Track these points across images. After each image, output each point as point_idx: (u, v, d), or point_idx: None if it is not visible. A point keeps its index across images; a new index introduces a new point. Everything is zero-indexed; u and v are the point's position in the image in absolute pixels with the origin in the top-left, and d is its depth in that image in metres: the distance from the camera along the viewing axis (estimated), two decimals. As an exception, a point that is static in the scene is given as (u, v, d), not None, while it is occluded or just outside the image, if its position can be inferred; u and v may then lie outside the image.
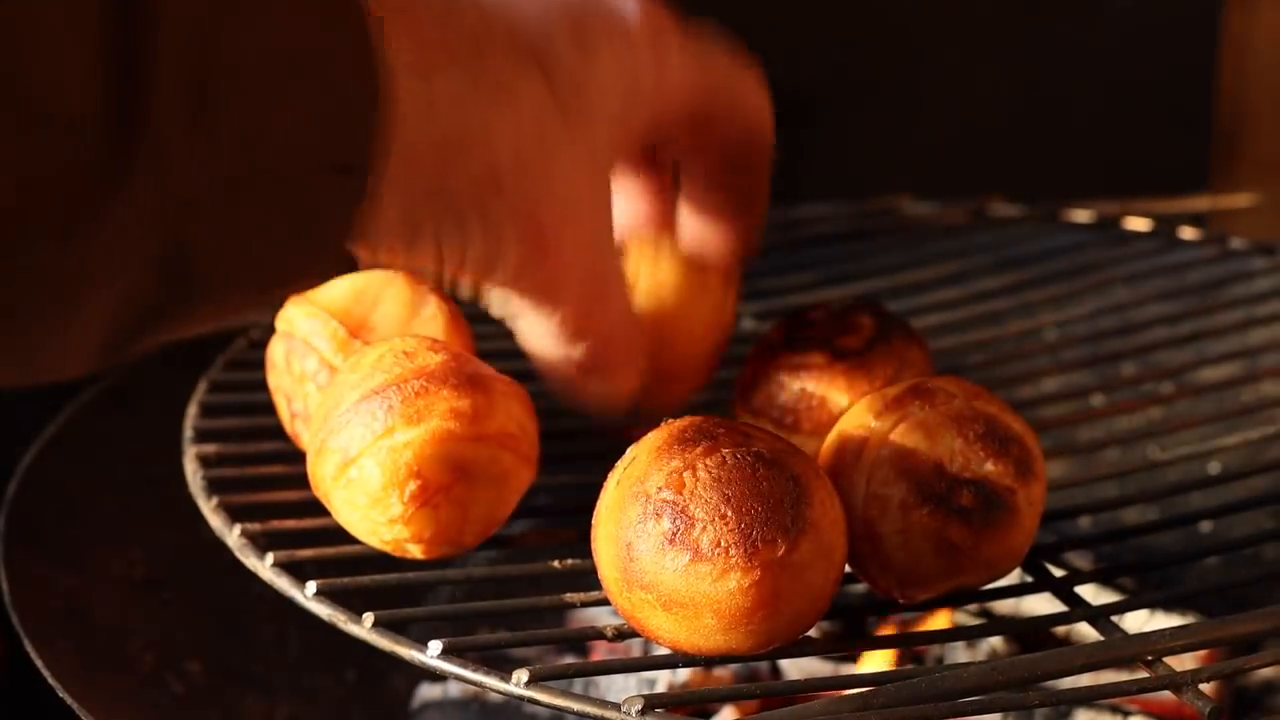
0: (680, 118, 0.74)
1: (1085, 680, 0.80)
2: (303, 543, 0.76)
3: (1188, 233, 1.16)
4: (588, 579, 0.71)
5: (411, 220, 0.64)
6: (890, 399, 0.72)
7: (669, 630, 0.66)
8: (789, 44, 1.38)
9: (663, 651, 0.68)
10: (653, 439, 0.68)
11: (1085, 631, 0.75)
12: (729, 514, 0.64)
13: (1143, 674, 0.67)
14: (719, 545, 0.64)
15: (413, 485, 0.71)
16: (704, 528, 0.64)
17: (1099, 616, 0.71)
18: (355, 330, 0.80)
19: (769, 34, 1.37)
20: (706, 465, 0.66)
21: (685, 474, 0.66)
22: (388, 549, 0.73)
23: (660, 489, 0.66)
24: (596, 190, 0.69)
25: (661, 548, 0.65)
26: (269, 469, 0.83)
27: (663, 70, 0.71)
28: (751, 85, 0.77)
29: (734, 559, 0.64)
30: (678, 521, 0.65)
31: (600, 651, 1.03)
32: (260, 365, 0.84)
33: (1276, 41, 1.51)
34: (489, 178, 0.64)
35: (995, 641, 1.02)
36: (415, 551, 0.73)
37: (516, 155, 0.65)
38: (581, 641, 1.03)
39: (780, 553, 0.64)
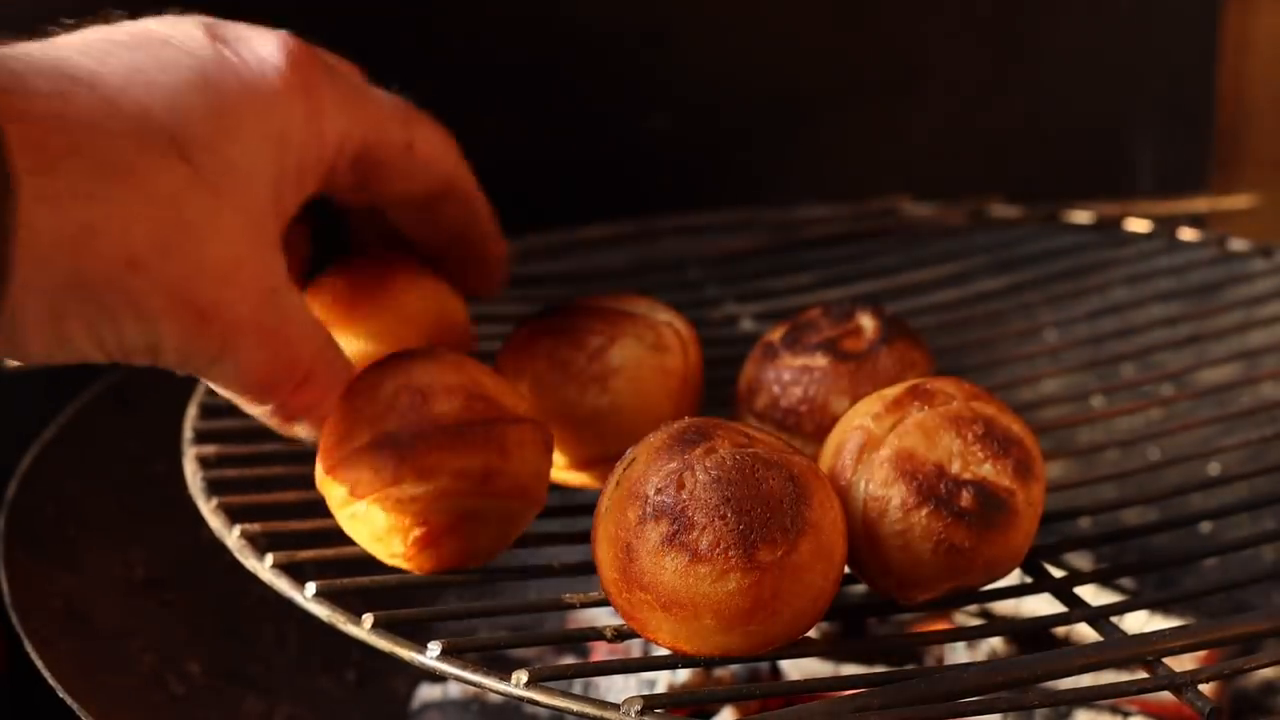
0: (346, 166, 0.73)
1: (1085, 681, 0.80)
2: (302, 544, 0.76)
3: (1188, 234, 1.16)
4: (588, 579, 0.71)
5: (56, 315, 0.63)
6: (890, 400, 0.72)
7: (668, 631, 0.66)
8: (787, 44, 1.38)
9: (663, 652, 0.68)
10: (652, 440, 0.68)
11: (1085, 632, 0.75)
12: (729, 515, 0.64)
13: (1142, 674, 0.67)
14: (718, 546, 0.64)
15: (417, 532, 0.71)
16: (703, 529, 0.64)
17: (1099, 617, 0.71)
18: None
19: (768, 34, 1.38)
20: (706, 466, 0.66)
21: (685, 475, 0.66)
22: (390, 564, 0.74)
23: (659, 490, 0.66)
24: (259, 249, 0.68)
25: (660, 549, 0.65)
26: (269, 470, 0.83)
27: (317, 121, 0.71)
28: (424, 127, 0.76)
29: (733, 560, 0.64)
30: (677, 523, 0.65)
31: (600, 652, 1.03)
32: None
33: (1276, 41, 1.51)
34: (127, 263, 0.63)
35: (995, 642, 1.02)
36: (417, 572, 0.73)
37: (154, 236, 0.64)
38: (581, 642, 1.03)
39: (779, 554, 0.64)
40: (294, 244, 0.77)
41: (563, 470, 0.81)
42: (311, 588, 0.72)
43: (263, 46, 0.69)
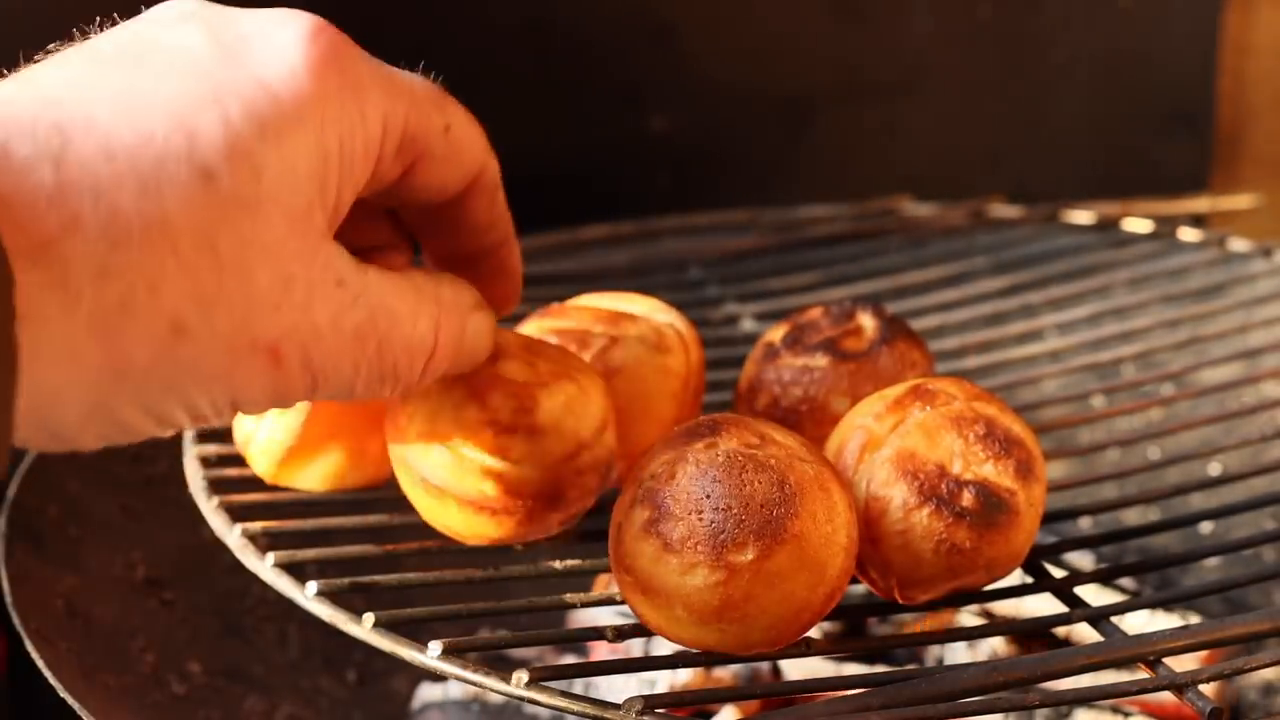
0: (391, 150, 0.64)
1: (1086, 681, 0.80)
2: (303, 543, 0.76)
3: (1188, 234, 1.16)
4: (588, 579, 0.71)
5: (105, 407, 0.56)
6: (891, 400, 0.72)
7: (649, 614, 0.66)
8: (788, 44, 1.38)
9: (663, 652, 0.68)
10: (674, 429, 0.68)
11: (1085, 632, 0.75)
12: (704, 511, 0.64)
13: (1143, 674, 0.67)
14: (687, 540, 0.64)
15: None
16: (678, 520, 0.65)
17: (1099, 617, 0.71)
18: None
19: (769, 34, 1.38)
20: (698, 460, 0.66)
21: (678, 465, 0.66)
22: None
23: (653, 476, 0.66)
24: (307, 250, 0.59)
25: (641, 534, 0.65)
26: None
27: (359, 104, 0.61)
28: (456, 109, 0.67)
29: (700, 555, 0.64)
30: (658, 510, 0.65)
31: (600, 651, 1.03)
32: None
33: (1276, 41, 1.51)
34: (170, 333, 0.55)
35: (996, 642, 1.02)
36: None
37: (192, 291, 0.56)
38: (581, 641, 1.03)
39: (749, 557, 0.64)
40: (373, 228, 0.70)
41: None
42: (312, 587, 0.72)
43: (279, 34, 0.60)
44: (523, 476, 0.69)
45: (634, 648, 1.00)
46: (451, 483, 0.70)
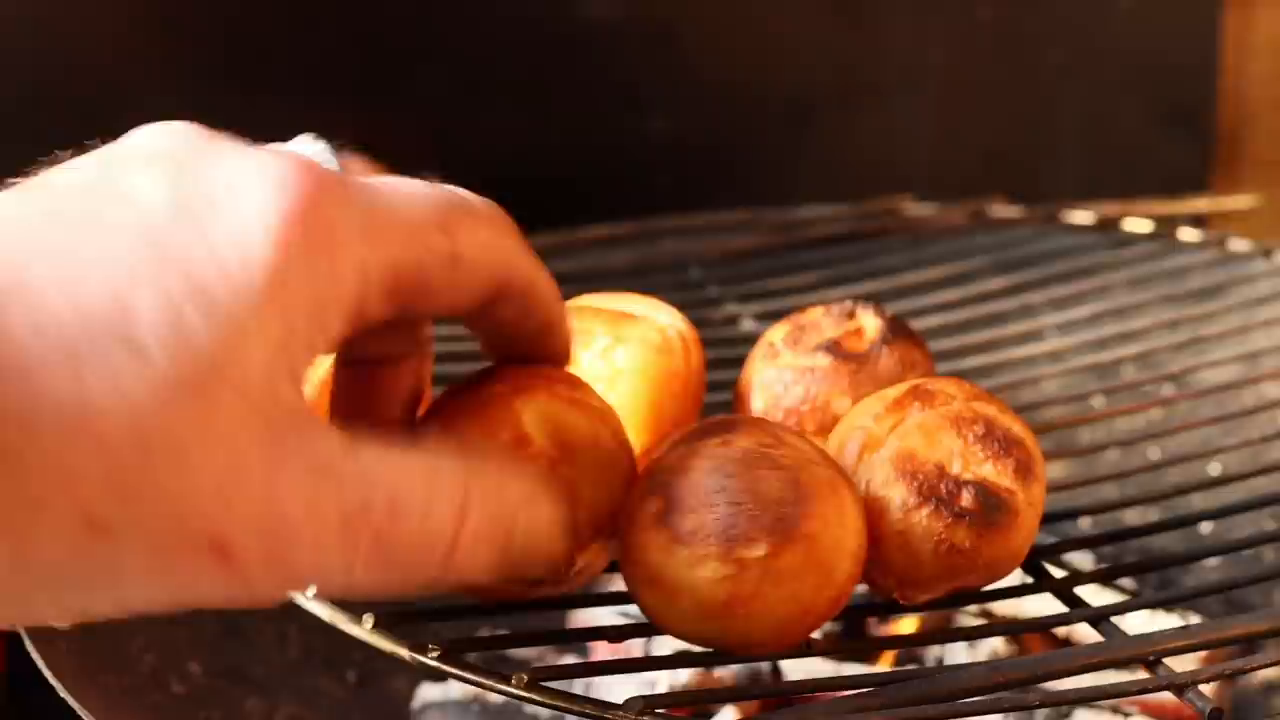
0: (378, 296, 0.56)
1: (1086, 681, 0.80)
2: (303, 543, 0.75)
3: (1188, 234, 1.16)
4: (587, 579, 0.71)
5: (17, 594, 0.51)
6: (890, 400, 0.72)
7: (654, 608, 0.66)
8: (788, 44, 1.38)
9: (663, 652, 0.68)
10: (692, 425, 0.68)
11: (1085, 632, 0.75)
12: (718, 505, 0.64)
13: (1143, 675, 0.67)
14: (698, 533, 0.64)
15: None
16: (689, 513, 0.64)
17: (1099, 617, 0.71)
18: None
19: (769, 35, 1.38)
20: (712, 455, 0.66)
21: (690, 459, 0.66)
22: None
23: (665, 469, 0.66)
24: (269, 436, 0.52)
25: (650, 525, 0.65)
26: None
27: (326, 262, 0.54)
28: (468, 225, 0.59)
29: (710, 549, 0.64)
30: (669, 502, 0.65)
31: (601, 652, 1.03)
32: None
33: (1276, 41, 1.51)
34: (87, 528, 0.50)
35: (996, 642, 1.02)
36: None
37: (112, 480, 0.49)
38: (581, 641, 1.03)
39: (759, 554, 0.64)
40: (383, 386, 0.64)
41: None
42: (312, 588, 0.72)
43: (250, 194, 0.53)
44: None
45: (634, 648, 1.00)
46: None
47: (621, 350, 0.79)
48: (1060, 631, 0.99)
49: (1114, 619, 0.71)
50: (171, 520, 0.50)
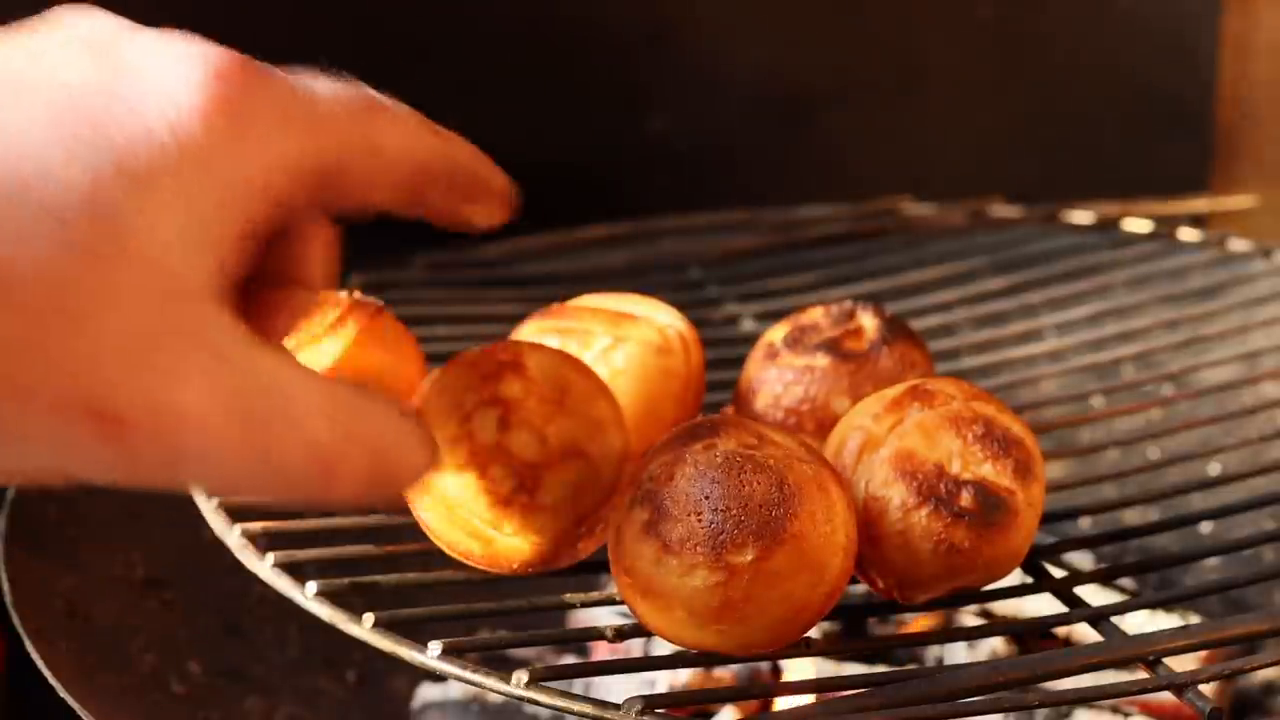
0: (297, 187, 0.57)
1: (1086, 681, 0.80)
2: (303, 543, 0.76)
3: (1188, 234, 1.16)
4: (588, 579, 0.71)
5: None
6: (890, 400, 0.72)
7: (648, 616, 0.66)
8: (787, 44, 1.38)
9: (663, 652, 0.68)
10: (672, 430, 0.68)
11: (1086, 632, 0.75)
12: (704, 511, 0.64)
13: (1143, 675, 0.67)
14: (687, 541, 0.64)
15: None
16: (677, 521, 0.65)
17: (1099, 617, 0.71)
18: None
19: (768, 34, 1.38)
20: (696, 461, 0.66)
21: (676, 466, 0.66)
22: None
23: (651, 478, 0.66)
24: (183, 312, 0.53)
25: (640, 536, 0.65)
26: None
27: (241, 146, 0.55)
28: (386, 119, 0.60)
29: (700, 556, 0.64)
30: (657, 512, 0.65)
31: (600, 652, 1.03)
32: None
33: (1276, 42, 1.51)
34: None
35: (996, 642, 1.02)
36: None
37: (18, 341, 0.50)
38: (581, 641, 1.03)
39: (749, 558, 0.64)
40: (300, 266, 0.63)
41: None
42: (312, 587, 0.72)
43: (170, 69, 0.54)
44: (514, 547, 0.69)
45: (634, 648, 1.00)
46: (442, 532, 0.70)
47: (621, 350, 0.79)
48: (1060, 631, 0.99)
49: (1114, 619, 0.71)
50: (71, 384, 0.50)
